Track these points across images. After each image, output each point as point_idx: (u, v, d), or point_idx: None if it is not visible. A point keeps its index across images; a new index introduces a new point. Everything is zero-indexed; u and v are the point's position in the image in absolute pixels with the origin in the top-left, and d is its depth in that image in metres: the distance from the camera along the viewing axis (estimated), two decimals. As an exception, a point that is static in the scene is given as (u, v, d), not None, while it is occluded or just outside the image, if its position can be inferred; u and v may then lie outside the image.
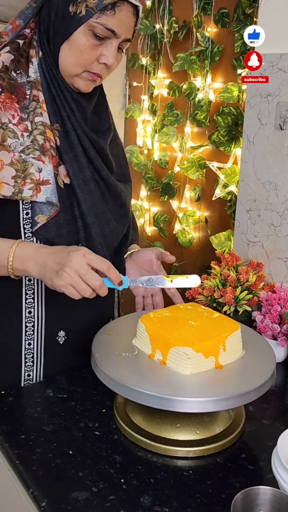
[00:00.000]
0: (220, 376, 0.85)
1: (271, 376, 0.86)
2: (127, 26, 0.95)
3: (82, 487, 0.76)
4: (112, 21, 0.92)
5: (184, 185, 2.08)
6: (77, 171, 0.99)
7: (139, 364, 0.89)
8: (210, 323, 0.92)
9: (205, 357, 0.85)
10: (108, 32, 0.93)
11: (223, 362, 0.88)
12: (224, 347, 0.87)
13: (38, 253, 0.91)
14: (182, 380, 0.83)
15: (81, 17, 0.91)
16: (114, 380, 0.83)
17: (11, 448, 0.84)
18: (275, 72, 1.35)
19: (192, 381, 0.83)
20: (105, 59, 0.96)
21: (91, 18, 0.91)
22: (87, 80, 0.99)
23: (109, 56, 0.95)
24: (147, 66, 2.18)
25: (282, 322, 1.22)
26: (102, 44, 0.94)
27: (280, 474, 0.71)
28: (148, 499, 0.75)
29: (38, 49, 0.97)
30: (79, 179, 0.99)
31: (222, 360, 0.88)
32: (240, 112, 1.74)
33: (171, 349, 0.86)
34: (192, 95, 1.93)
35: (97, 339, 0.95)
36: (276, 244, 1.41)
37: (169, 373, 0.85)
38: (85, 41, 0.93)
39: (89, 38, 0.93)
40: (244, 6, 1.66)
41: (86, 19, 0.91)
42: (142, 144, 2.31)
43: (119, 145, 1.19)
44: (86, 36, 0.93)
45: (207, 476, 0.80)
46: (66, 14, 0.93)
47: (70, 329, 1.06)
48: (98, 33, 0.93)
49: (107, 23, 0.92)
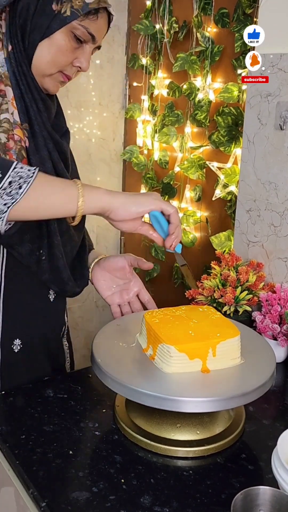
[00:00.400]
0: (220, 376, 0.85)
1: (271, 376, 0.86)
2: (102, 33, 0.96)
3: (82, 487, 0.76)
4: (94, 26, 0.92)
5: (184, 185, 2.08)
6: None
7: (129, 355, 0.91)
8: (210, 326, 0.90)
9: (189, 358, 0.85)
10: (88, 36, 0.92)
11: (212, 367, 0.86)
12: (214, 352, 0.86)
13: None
14: (182, 380, 0.83)
15: (65, 17, 0.90)
16: (114, 380, 0.83)
17: (11, 448, 0.84)
18: (275, 72, 1.35)
19: (192, 381, 0.83)
20: (80, 63, 0.95)
21: (75, 19, 0.90)
22: (57, 81, 0.97)
23: (84, 60, 0.95)
24: (147, 66, 2.18)
25: (282, 322, 1.22)
26: (79, 47, 0.94)
27: (280, 474, 0.70)
28: (148, 499, 0.75)
29: (6, 42, 0.91)
30: None
31: (211, 365, 0.86)
32: (240, 112, 1.74)
33: (158, 345, 0.86)
34: (192, 95, 1.93)
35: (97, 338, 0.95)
36: (276, 244, 1.41)
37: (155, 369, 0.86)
38: (66, 42, 0.92)
39: (70, 39, 0.92)
40: (244, 6, 1.66)
41: (70, 20, 0.90)
42: (142, 144, 2.31)
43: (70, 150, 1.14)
44: (67, 37, 0.91)
45: (207, 476, 0.80)
46: (48, 11, 0.90)
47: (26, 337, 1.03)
48: (79, 36, 0.92)
49: (89, 27, 0.91)
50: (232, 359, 0.88)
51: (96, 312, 2.54)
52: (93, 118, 2.33)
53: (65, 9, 0.89)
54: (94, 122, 2.34)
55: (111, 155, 2.44)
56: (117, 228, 0.94)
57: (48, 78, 0.95)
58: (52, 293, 1.06)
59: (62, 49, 0.92)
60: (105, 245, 2.53)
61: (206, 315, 0.95)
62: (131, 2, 2.27)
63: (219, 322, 0.92)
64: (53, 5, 0.90)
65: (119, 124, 2.42)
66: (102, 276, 1.11)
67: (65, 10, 0.89)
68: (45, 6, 0.90)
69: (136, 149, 2.35)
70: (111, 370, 0.85)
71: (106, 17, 0.95)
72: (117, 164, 2.48)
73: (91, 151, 2.37)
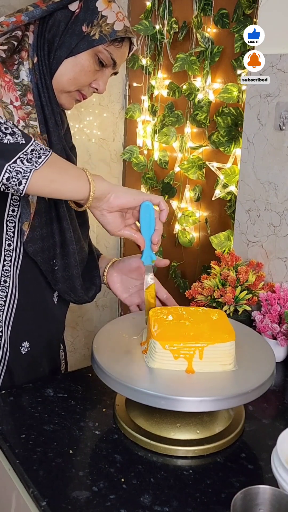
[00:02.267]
0: (220, 375, 0.85)
1: (270, 375, 0.86)
2: (123, 60, 1.02)
3: (82, 487, 0.77)
4: (117, 53, 0.97)
5: (184, 185, 2.08)
6: None
7: (125, 347, 0.92)
8: (207, 329, 0.89)
9: (174, 357, 0.85)
10: (111, 61, 0.98)
11: (199, 369, 0.86)
12: (200, 355, 0.85)
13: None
14: (183, 380, 0.84)
15: (93, 40, 0.94)
16: (113, 379, 0.83)
17: (11, 447, 0.84)
18: (274, 72, 1.35)
19: (192, 381, 0.84)
20: (98, 86, 1.00)
21: (102, 44, 0.94)
22: (73, 98, 1.01)
23: (102, 83, 1.00)
24: (147, 66, 2.19)
25: (281, 321, 1.22)
26: (100, 70, 0.99)
27: (280, 474, 0.71)
28: (148, 498, 0.75)
29: (32, 53, 0.95)
30: None
31: (197, 367, 0.85)
32: (240, 113, 1.74)
33: (150, 340, 0.88)
34: (192, 95, 1.93)
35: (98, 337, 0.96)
36: (275, 244, 1.41)
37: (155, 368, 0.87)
38: (90, 63, 0.96)
39: (93, 61, 0.97)
40: (244, 6, 1.66)
41: (98, 43, 0.94)
42: (142, 144, 2.31)
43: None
44: (92, 58, 0.96)
45: (207, 476, 0.80)
46: (78, 31, 0.94)
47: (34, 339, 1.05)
48: (102, 60, 0.97)
49: (113, 53, 0.97)
50: (222, 365, 0.86)
51: (96, 312, 2.54)
52: (93, 118, 2.33)
53: (95, 32, 0.94)
54: (94, 122, 2.35)
55: (111, 155, 2.45)
56: (104, 225, 0.95)
57: (66, 95, 0.99)
58: (56, 295, 1.07)
59: (85, 69, 0.97)
60: (105, 245, 2.53)
61: (209, 318, 0.94)
62: (131, 3, 2.27)
63: (218, 326, 0.91)
64: (83, 26, 0.94)
65: (119, 124, 2.42)
66: (118, 279, 1.12)
67: (94, 33, 0.94)
68: (76, 26, 0.94)
69: (136, 149, 2.35)
70: (111, 369, 0.85)
71: (128, 46, 1.00)
72: (117, 164, 2.48)
73: (91, 151, 2.38)
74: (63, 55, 0.95)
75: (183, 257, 2.17)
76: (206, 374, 0.85)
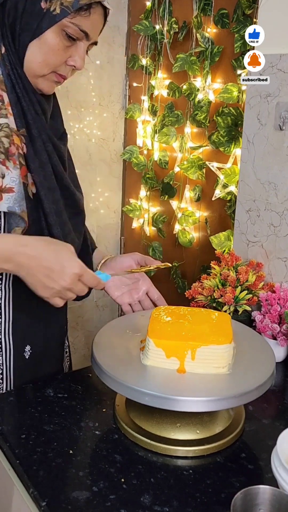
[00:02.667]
0: (220, 375, 0.85)
1: (270, 375, 0.86)
2: (98, 29, 0.91)
3: (82, 487, 0.77)
4: (86, 23, 0.87)
5: (184, 185, 2.08)
6: (43, 180, 0.93)
7: (126, 347, 0.93)
8: (204, 330, 0.89)
9: (166, 356, 0.85)
10: (81, 33, 0.88)
11: (190, 370, 0.86)
12: (193, 356, 0.85)
13: (20, 253, 0.83)
14: (182, 380, 0.84)
15: (55, 15, 0.85)
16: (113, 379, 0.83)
17: (12, 447, 0.84)
18: (274, 72, 1.35)
19: (192, 380, 0.84)
20: (75, 62, 0.91)
21: (65, 17, 0.85)
22: (52, 81, 0.93)
23: (79, 59, 0.91)
24: (147, 66, 2.19)
25: (281, 321, 1.22)
26: (72, 45, 0.89)
27: (280, 474, 0.71)
28: (148, 498, 0.75)
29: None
30: (45, 188, 0.93)
31: (189, 368, 0.86)
32: (240, 113, 1.74)
33: (147, 337, 0.88)
34: (192, 95, 1.93)
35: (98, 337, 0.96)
36: (275, 244, 1.41)
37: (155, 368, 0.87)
38: (58, 41, 0.87)
39: (61, 38, 0.87)
40: (244, 6, 1.66)
41: (60, 17, 0.85)
42: (142, 144, 2.32)
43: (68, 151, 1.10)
44: (58, 36, 0.87)
45: (207, 476, 0.80)
46: (37, 10, 0.86)
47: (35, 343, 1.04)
48: (71, 34, 0.87)
49: (81, 25, 0.87)
50: (215, 367, 0.86)
51: (96, 312, 2.54)
52: (93, 118, 2.33)
53: (54, 7, 0.85)
54: (94, 123, 2.35)
55: (111, 155, 2.45)
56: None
57: (42, 79, 0.92)
58: None
59: (53, 48, 0.88)
60: (105, 245, 2.53)
61: (209, 319, 0.94)
62: (131, 3, 2.27)
63: (217, 328, 0.90)
64: (42, 3, 0.85)
65: (119, 124, 2.42)
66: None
67: (54, 8, 0.85)
68: (34, 4, 0.86)
69: (136, 149, 2.35)
70: (111, 369, 0.85)
71: (101, 12, 0.90)
72: (117, 164, 2.48)
73: (91, 151, 2.38)
74: (27, 39, 0.87)
75: (184, 257, 2.18)
76: (206, 374, 0.85)
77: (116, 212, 2.54)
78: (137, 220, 2.43)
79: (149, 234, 2.36)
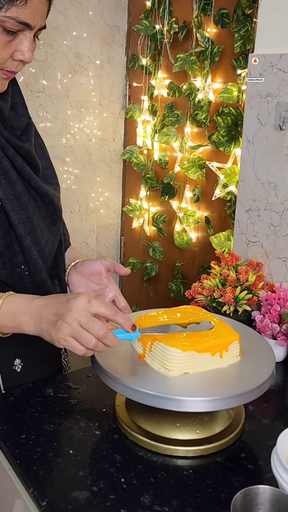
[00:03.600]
0: (220, 375, 0.85)
1: (270, 375, 0.86)
2: (41, 14, 0.82)
3: (82, 487, 0.77)
4: (25, 12, 0.79)
5: (184, 185, 2.08)
6: (7, 188, 0.88)
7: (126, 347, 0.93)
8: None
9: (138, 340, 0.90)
10: (21, 25, 0.80)
11: (147, 360, 0.89)
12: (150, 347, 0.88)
13: (31, 305, 0.82)
14: (182, 380, 0.84)
15: None
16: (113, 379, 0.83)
17: (12, 447, 0.84)
18: (274, 72, 1.36)
19: (192, 381, 0.84)
20: (22, 56, 0.83)
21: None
22: (1, 79, 0.86)
23: (25, 51, 0.83)
24: (147, 66, 2.19)
25: (281, 321, 1.22)
26: (15, 38, 0.82)
27: (280, 474, 0.71)
28: (148, 498, 0.75)
29: None
30: (10, 196, 0.88)
31: (147, 358, 0.89)
32: (239, 113, 1.74)
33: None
34: (192, 95, 1.94)
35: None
36: (275, 244, 1.41)
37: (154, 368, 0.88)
38: None
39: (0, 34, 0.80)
40: (244, 6, 1.66)
41: None
42: (142, 144, 2.32)
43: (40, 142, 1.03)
44: None
45: (207, 476, 0.80)
46: None
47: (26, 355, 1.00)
48: (9, 28, 0.79)
49: (19, 16, 0.78)
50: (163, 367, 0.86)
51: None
52: (93, 118, 2.34)
53: None
54: (94, 122, 2.35)
55: (111, 155, 2.45)
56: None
57: None
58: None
59: None
60: (105, 244, 2.53)
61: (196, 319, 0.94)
62: (131, 3, 2.27)
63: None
64: None
65: (119, 124, 2.43)
66: (78, 281, 1.05)
67: None
68: None
69: (136, 149, 2.35)
70: (111, 369, 0.85)
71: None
72: (117, 164, 2.48)
73: (91, 151, 2.38)
74: None
75: (184, 257, 2.18)
76: (206, 373, 0.85)
77: (116, 212, 2.54)
78: (137, 220, 2.44)
79: (149, 234, 2.36)
